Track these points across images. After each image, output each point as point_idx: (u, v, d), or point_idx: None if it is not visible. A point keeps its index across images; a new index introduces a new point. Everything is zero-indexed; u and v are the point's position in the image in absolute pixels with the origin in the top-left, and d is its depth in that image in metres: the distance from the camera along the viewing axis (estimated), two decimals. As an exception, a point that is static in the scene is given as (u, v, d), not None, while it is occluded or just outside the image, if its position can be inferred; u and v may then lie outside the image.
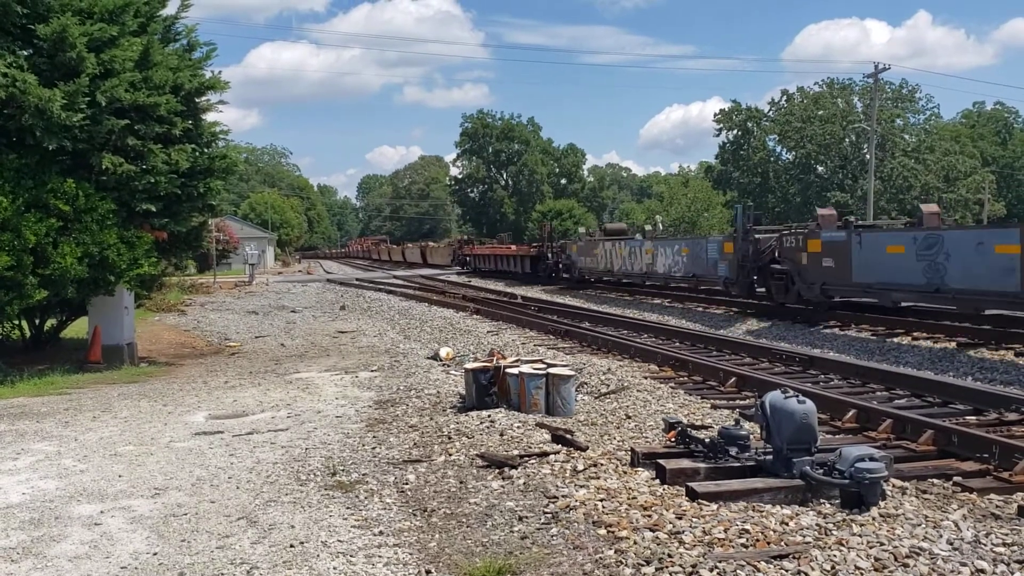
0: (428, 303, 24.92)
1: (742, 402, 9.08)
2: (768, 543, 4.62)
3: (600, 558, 4.53)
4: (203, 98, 14.95)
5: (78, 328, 16.46)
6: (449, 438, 7.41)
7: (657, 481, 5.85)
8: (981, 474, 6.15)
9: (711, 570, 4.27)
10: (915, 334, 14.07)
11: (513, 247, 43.93)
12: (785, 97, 74.65)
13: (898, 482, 5.79)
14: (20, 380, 12.05)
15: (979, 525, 5.03)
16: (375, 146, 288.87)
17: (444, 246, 61.52)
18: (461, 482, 6.10)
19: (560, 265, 32.76)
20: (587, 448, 6.75)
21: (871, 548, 4.54)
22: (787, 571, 4.28)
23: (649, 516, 5.10)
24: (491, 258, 44.07)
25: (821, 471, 5.42)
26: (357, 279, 41.31)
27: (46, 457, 7.34)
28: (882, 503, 5.27)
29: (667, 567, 4.34)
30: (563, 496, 5.57)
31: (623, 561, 4.45)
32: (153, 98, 12.97)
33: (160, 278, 21.40)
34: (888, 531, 4.82)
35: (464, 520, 5.31)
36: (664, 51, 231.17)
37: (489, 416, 8.05)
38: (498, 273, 41.33)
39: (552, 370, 8.50)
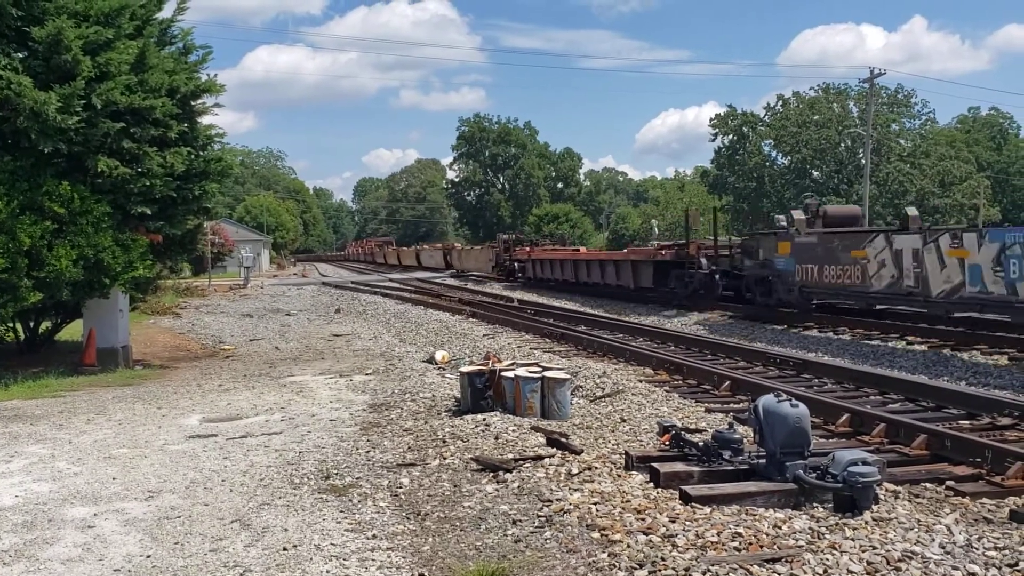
0: (424, 306, 24.90)
1: (736, 406, 9.10)
2: (761, 547, 4.63)
3: (593, 561, 4.54)
4: (199, 101, 14.91)
5: (73, 331, 16.43)
6: (444, 442, 7.41)
7: (651, 484, 5.86)
8: (974, 478, 6.18)
9: (704, 573, 4.28)
10: None
11: (583, 249, 34.03)
12: (781, 102, 74.97)
13: (891, 486, 5.82)
14: (14, 383, 12.02)
15: (971, 529, 5.05)
16: (371, 149, 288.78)
17: (483, 248, 46.01)
18: (455, 486, 6.11)
19: (720, 276, 20.43)
20: (582, 452, 6.76)
21: (863, 552, 4.55)
22: (779, 575, 4.29)
23: (643, 519, 5.11)
24: (567, 265, 29.95)
25: (814, 475, 5.44)
26: (353, 282, 41.28)
27: (40, 460, 7.33)
28: (875, 507, 5.29)
29: (660, 570, 4.35)
30: (557, 499, 5.58)
31: (616, 564, 4.46)
32: (149, 101, 12.94)
33: (155, 281, 21.37)
34: (881, 535, 4.84)
35: (458, 524, 5.32)
36: (660, 56, 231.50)
37: (484, 419, 8.06)
38: (579, 287, 28.53)
39: (547, 373, 8.52)
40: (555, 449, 6.84)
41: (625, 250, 28.10)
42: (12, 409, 10.01)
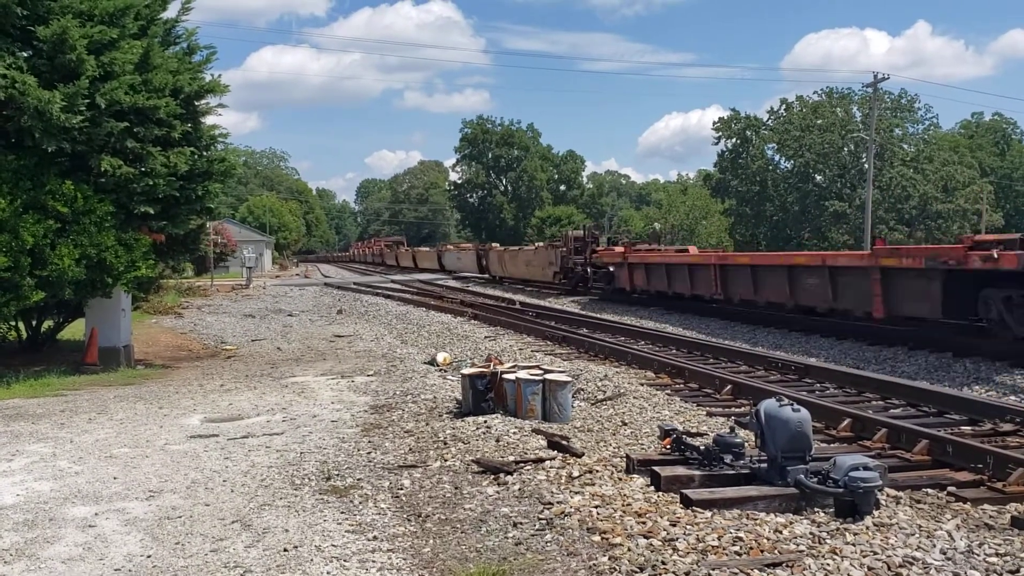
0: (426, 308, 24.90)
1: (737, 410, 9.09)
2: (762, 551, 4.63)
3: (594, 564, 4.54)
4: (203, 101, 14.94)
5: (75, 330, 16.44)
6: (445, 443, 7.41)
7: (652, 488, 5.86)
8: (975, 484, 6.16)
9: (704, 578, 4.27)
10: None
11: (692, 249, 22.79)
12: (784, 106, 74.83)
13: (892, 491, 5.80)
14: (16, 381, 12.02)
15: (972, 535, 5.03)
16: (374, 150, 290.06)
17: (538, 249, 33.79)
18: (456, 488, 6.10)
19: None
20: (583, 455, 6.76)
21: (864, 557, 4.55)
22: (780, 579, 4.28)
23: (643, 523, 5.10)
24: (700, 272, 20.20)
25: (815, 480, 5.43)
26: (355, 283, 41.28)
27: (41, 458, 7.33)
28: (876, 512, 5.28)
29: (660, 574, 4.35)
30: (558, 502, 5.57)
31: (617, 568, 4.45)
32: (153, 101, 12.97)
33: (157, 281, 21.38)
34: (881, 540, 4.83)
35: (458, 526, 5.31)
36: (663, 59, 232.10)
37: (485, 422, 8.05)
38: (714, 308, 19.80)
39: (549, 376, 8.51)
40: (556, 452, 6.83)
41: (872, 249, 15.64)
42: (14, 408, 10.02)
